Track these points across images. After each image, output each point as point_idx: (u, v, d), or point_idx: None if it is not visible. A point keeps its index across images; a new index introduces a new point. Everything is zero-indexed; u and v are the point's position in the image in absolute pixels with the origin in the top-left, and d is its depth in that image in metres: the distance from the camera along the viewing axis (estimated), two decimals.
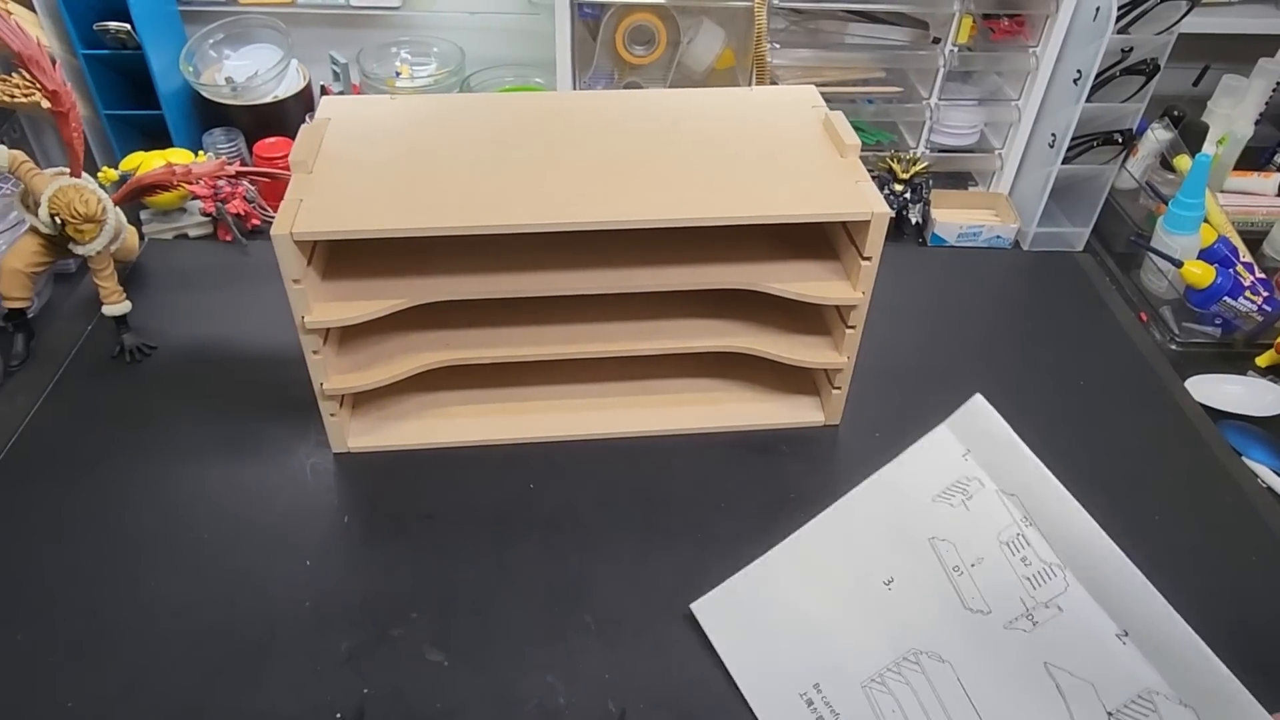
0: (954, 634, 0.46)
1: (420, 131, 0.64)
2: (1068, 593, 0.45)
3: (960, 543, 0.48)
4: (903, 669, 0.46)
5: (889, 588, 0.48)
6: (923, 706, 0.45)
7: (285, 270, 0.54)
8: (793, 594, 0.50)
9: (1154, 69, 0.85)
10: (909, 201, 0.93)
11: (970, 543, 0.48)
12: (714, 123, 0.67)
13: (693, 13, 0.92)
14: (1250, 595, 0.59)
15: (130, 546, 0.59)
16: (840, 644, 0.48)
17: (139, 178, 0.77)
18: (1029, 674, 0.44)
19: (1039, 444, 0.70)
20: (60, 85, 0.66)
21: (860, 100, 0.97)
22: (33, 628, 0.54)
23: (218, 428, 0.68)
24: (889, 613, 0.48)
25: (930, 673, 0.46)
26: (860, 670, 0.47)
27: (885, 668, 0.47)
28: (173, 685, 0.51)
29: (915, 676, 0.46)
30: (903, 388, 0.74)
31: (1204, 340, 0.84)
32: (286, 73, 0.99)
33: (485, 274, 0.61)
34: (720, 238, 0.64)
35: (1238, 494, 0.67)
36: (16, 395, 0.70)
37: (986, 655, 0.45)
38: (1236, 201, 1.00)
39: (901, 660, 0.46)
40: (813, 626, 0.49)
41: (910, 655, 0.47)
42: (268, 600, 0.56)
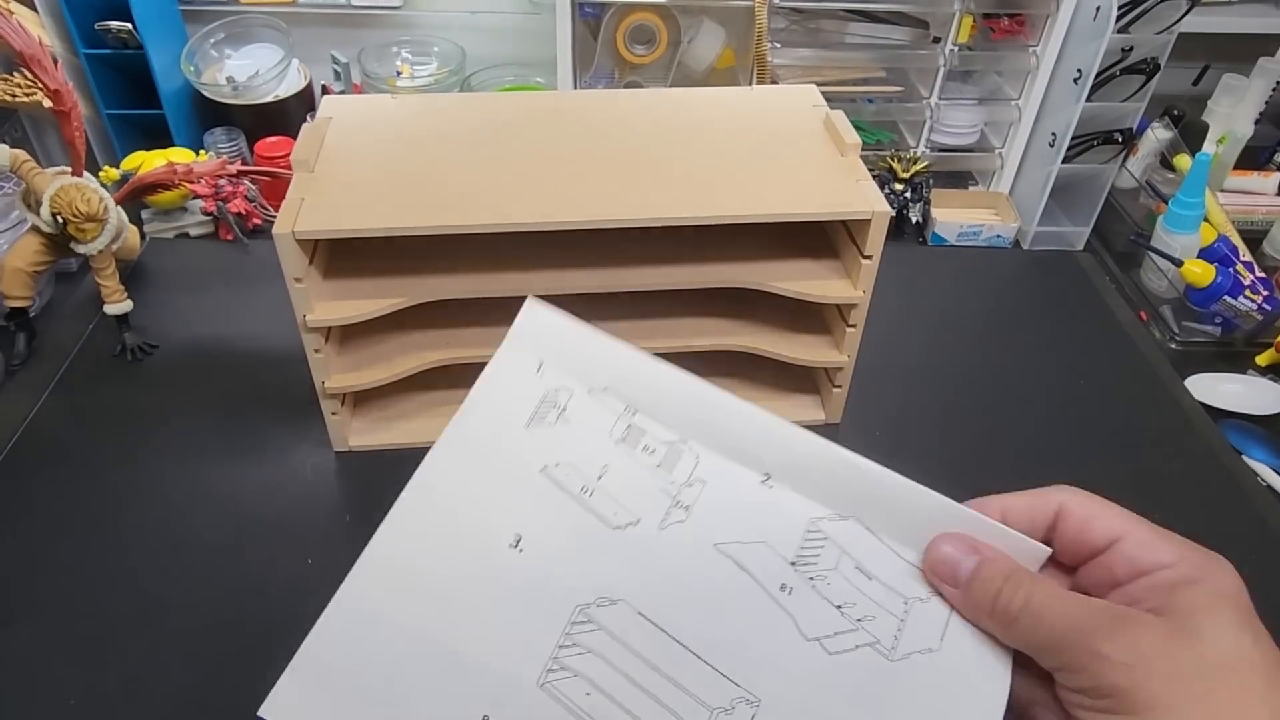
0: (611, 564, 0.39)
1: (421, 131, 0.64)
2: (701, 462, 0.40)
3: (576, 461, 0.41)
4: (575, 638, 0.38)
5: (519, 549, 0.39)
6: (618, 669, 0.37)
7: (287, 269, 0.55)
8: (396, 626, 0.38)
9: (1154, 68, 0.85)
10: (909, 201, 0.93)
11: (586, 456, 0.41)
12: (714, 122, 0.67)
13: (693, 12, 0.92)
14: (1250, 595, 0.59)
15: (131, 545, 0.59)
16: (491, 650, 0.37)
17: (140, 177, 0.77)
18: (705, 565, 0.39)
19: (1039, 444, 0.70)
20: (62, 84, 0.66)
21: (860, 99, 0.97)
22: (33, 627, 0.54)
23: (219, 426, 0.68)
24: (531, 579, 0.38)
25: (607, 623, 0.38)
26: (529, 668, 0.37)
27: (556, 647, 0.37)
28: (174, 684, 0.51)
29: (592, 637, 0.38)
30: (903, 386, 0.74)
31: (1204, 339, 0.84)
32: (287, 72, 0.99)
33: (486, 273, 0.61)
34: (721, 237, 0.64)
35: (1238, 493, 0.67)
36: (18, 394, 0.70)
37: (656, 568, 0.39)
38: (1236, 200, 1.00)
39: (570, 628, 0.38)
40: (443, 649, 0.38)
41: (577, 616, 0.38)
42: (269, 599, 0.56)
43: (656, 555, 0.39)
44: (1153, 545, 0.35)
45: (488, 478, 0.41)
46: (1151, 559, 0.34)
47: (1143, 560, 0.34)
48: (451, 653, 0.37)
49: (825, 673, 0.37)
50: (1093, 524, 0.36)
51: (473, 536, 0.40)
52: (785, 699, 0.37)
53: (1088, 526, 0.36)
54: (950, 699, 0.36)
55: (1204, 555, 0.35)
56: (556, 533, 0.39)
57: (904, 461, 0.71)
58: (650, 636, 0.38)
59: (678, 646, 0.38)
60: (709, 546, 0.40)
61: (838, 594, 0.39)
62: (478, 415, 0.42)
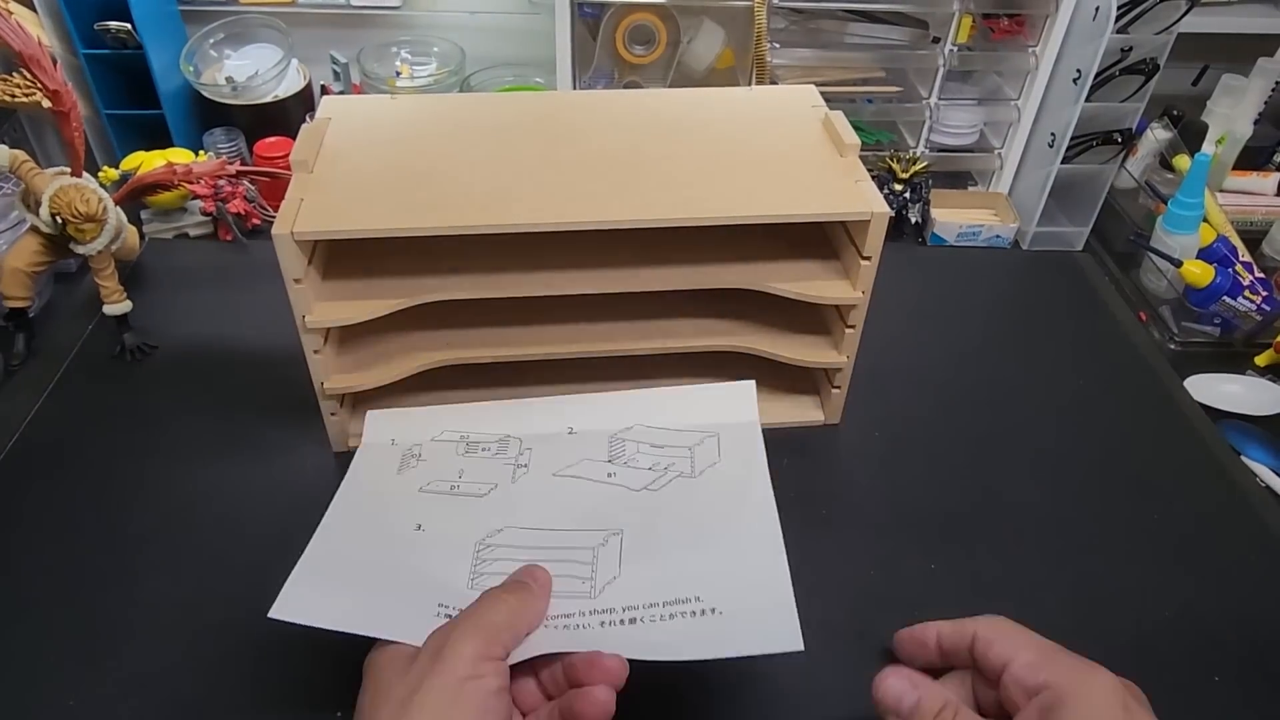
0: (488, 514, 0.54)
1: (421, 131, 0.64)
2: (523, 440, 0.60)
3: (439, 476, 0.58)
4: (483, 556, 0.52)
5: (421, 530, 0.54)
6: (520, 561, 0.49)
7: (286, 270, 0.55)
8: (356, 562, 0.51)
9: (1153, 69, 0.85)
10: (909, 201, 0.93)
11: (445, 471, 0.58)
12: (714, 122, 0.67)
13: (693, 12, 0.92)
14: (1250, 595, 0.59)
15: (131, 546, 0.59)
16: (428, 575, 0.50)
17: (139, 177, 0.77)
18: (553, 487, 0.56)
19: (1038, 444, 0.70)
20: (61, 85, 0.66)
21: (860, 100, 0.97)
22: (33, 627, 0.54)
23: (218, 427, 0.68)
24: (436, 540, 0.53)
25: (501, 542, 0.52)
26: (460, 579, 0.50)
27: (472, 567, 0.51)
28: (173, 684, 0.51)
29: (494, 552, 0.52)
30: (902, 387, 0.74)
31: (1203, 340, 0.84)
32: (287, 72, 0.99)
33: (485, 274, 0.61)
34: (720, 237, 0.64)
35: (1237, 493, 0.67)
36: (17, 395, 0.70)
37: (520, 503, 0.55)
38: (1236, 201, 1.00)
39: (475, 556, 0.51)
40: (397, 568, 0.51)
41: (479, 548, 0.52)
42: (269, 599, 0.56)
43: (517, 496, 0.56)
44: (1035, 667, 0.41)
45: (383, 502, 0.56)
46: (1032, 679, 0.41)
47: (1026, 680, 0.41)
48: (404, 569, 0.50)
49: (657, 500, 0.55)
50: (991, 649, 0.43)
51: (387, 524, 0.54)
52: (637, 523, 0.53)
53: (989, 651, 0.43)
54: (737, 481, 0.55)
55: (1081, 671, 0.40)
56: (444, 515, 0.55)
57: (904, 461, 0.72)
58: (534, 536, 0.53)
59: (555, 531, 0.53)
60: (550, 476, 0.57)
61: (645, 462, 0.58)
62: (360, 477, 0.58)
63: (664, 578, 0.48)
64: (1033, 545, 0.62)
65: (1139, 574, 0.60)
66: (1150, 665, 0.56)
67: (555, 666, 0.43)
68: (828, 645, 0.55)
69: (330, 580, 0.48)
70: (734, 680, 0.52)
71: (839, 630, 0.55)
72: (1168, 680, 0.54)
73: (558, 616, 0.46)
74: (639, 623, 0.46)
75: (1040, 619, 0.57)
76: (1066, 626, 0.57)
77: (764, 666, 0.53)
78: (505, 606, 0.44)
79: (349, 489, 0.56)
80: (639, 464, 0.58)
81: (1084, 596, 0.58)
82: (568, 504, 0.55)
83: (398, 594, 0.47)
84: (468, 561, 0.51)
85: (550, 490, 0.56)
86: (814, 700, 0.52)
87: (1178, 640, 0.56)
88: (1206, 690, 0.53)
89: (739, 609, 0.46)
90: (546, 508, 0.55)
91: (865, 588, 0.58)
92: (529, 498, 0.56)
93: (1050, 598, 0.58)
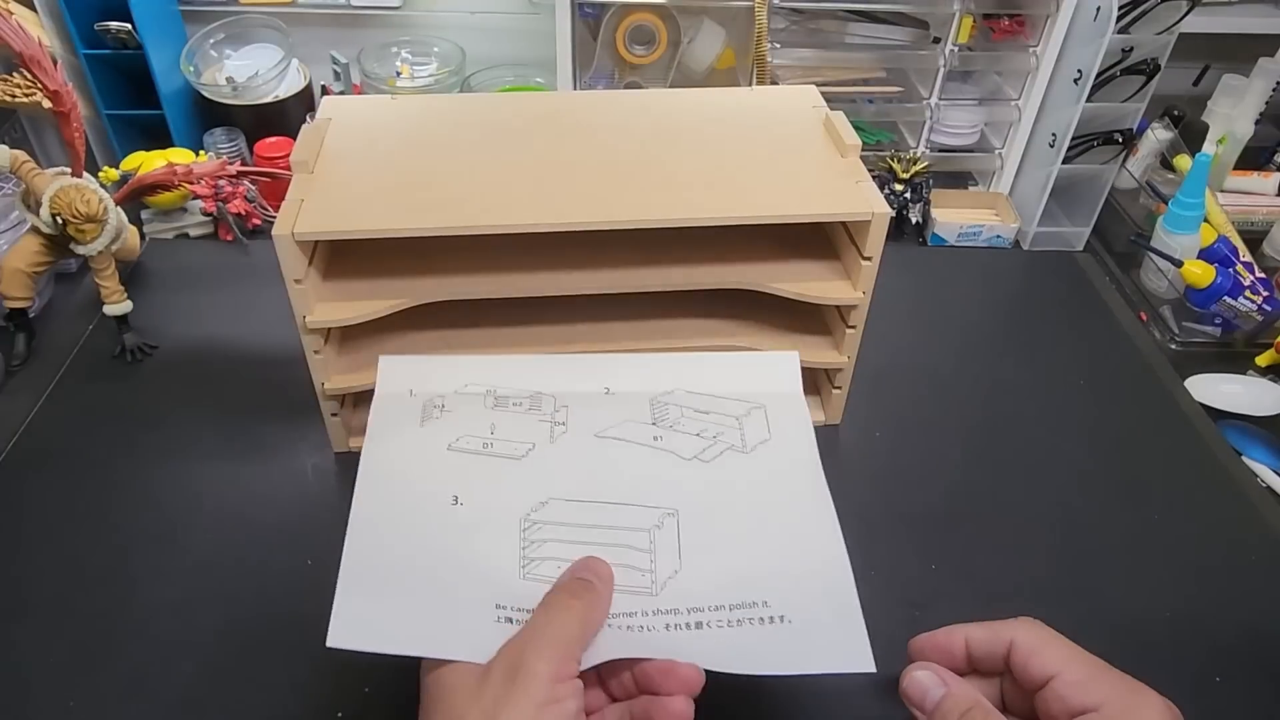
0: (529, 481, 0.51)
1: (421, 131, 0.64)
2: (558, 397, 0.56)
3: (469, 431, 0.53)
4: (530, 537, 0.48)
5: (459, 505, 0.49)
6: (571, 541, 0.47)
7: (286, 270, 0.55)
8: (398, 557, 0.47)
9: (1154, 69, 0.85)
10: (909, 201, 0.93)
11: (475, 425, 0.54)
12: (714, 123, 0.67)
13: (693, 13, 0.92)
14: (1251, 595, 0.59)
15: (131, 546, 0.59)
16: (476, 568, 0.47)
17: (140, 177, 0.77)
18: (595, 449, 0.53)
19: (1039, 444, 0.70)
20: (61, 85, 0.66)
21: (860, 100, 0.97)
22: (33, 627, 0.54)
23: (219, 427, 0.68)
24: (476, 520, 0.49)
25: (548, 518, 0.49)
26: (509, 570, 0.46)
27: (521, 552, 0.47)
28: (173, 684, 0.51)
29: (542, 532, 0.48)
30: (903, 387, 0.74)
31: (1204, 340, 0.84)
32: (287, 72, 0.99)
33: (485, 274, 0.61)
34: (720, 238, 0.64)
35: (1238, 494, 0.67)
36: (17, 395, 0.70)
37: (562, 467, 0.52)
38: (1236, 201, 1.00)
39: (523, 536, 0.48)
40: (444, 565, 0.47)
41: (524, 525, 0.48)
42: (269, 599, 0.56)
43: (558, 459, 0.52)
44: (1083, 686, 0.39)
45: (411, 466, 0.51)
46: (1080, 700, 0.38)
47: (1073, 700, 0.38)
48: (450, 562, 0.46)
49: (710, 476, 0.52)
50: (1033, 660, 0.41)
51: (420, 504, 0.49)
52: (693, 502, 0.50)
53: (1030, 662, 0.41)
54: (789, 461, 0.54)
55: (1132, 695, 0.38)
56: (481, 484, 0.50)
57: (904, 461, 0.71)
58: (582, 509, 0.49)
59: (605, 505, 0.50)
60: (591, 437, 0.54)
61: (692, 428, 0.55)
62: (383, 434, 0.53)
63: (728, 576, 0.47)
64: (1033, 545, 0.62)
65: (1139, 574, 0.60)
66: (1150, 665, 0.55)
67: (624, 673, 0.42)
68: None
69: (378, 590, 0.45)
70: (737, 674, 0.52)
71: None
72: (1168, 680, 0.54)
73: (620, 615, 0.44)
74: (705, 627, 0.44)
75: (1040, 619, 0.57)
76: (1066, 626, 0.57)
77: None
78: (575, 617, 0.41)
79: (372, 455, 0.52)
80: (685, 429, 0.55)
81: (1084, 596, 0.58)
82: (615, 471, 0.52)
83: (451, 599, 0.44)
84: (515, 544, 0.48)
85: (594, 454, 0.53)
86: (814, 700, 0.51)
87: (1178, 640, 0.56)
88: (1206, 690, 0.53)
89: (808, 619, 0.45)
90: (592, 476, 0.52)
91: (865, 587, 0.58)
92: (571, 462, 0.52)
93: (1050, 597, 0.58)
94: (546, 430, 0.54)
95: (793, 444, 0.55)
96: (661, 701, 0.40)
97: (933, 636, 0.45)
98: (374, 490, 0.50)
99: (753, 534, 0.49)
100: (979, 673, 0.44)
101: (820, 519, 0.50)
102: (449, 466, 0.51)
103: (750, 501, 0.51)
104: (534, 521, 0.49)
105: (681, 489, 0.51)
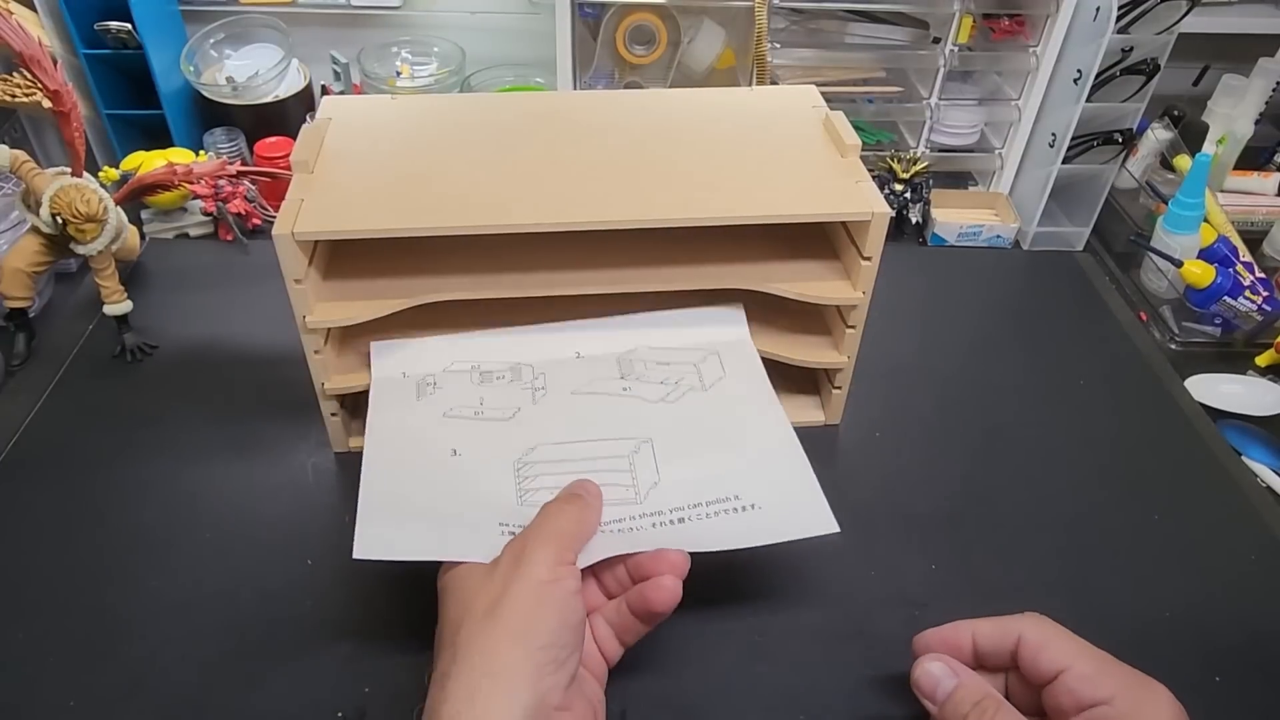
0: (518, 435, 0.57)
1: (421, 131, 0.64)
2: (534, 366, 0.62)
3: (460, 403, 0.59)
4: (524, 473, 0.55)
5: (458, 455, 0.56)
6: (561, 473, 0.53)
7: (286, 270, 0.55)
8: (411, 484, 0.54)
9: (1154, 69, 0.85)
10: (909, 201, 0.93)
11: (466, 399, 0.60)
12: (714, 122, 0.67)
13: (693, 13, 0.92)
14: (1250, 595, 0.59)
15: (131, 546, 0.59)
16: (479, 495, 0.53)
17: (140, 177, 0.77)
18: (572, 404, 0.59)
19: (1038, 444, 0.70)
20: (61, 85, 0.66)
21: (860, 100, 0.97)
22: (33, 627, 0.54)
23: (219, 427, 0.68)
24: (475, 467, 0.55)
25: (538, 458, 0.55)
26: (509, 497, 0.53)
27: (517, 486, 0.54)
28: (173, 684, 0.51)
29: (534, 468, 0.55)
30: (903, 387, 0.74)
31: (1204, 340, 0.84)
32: (287, 72, 0.99)
33: (485, 274, 0.61)
34: (720, 237, 0.64)
35: (1237, 494, 0.67)
36: (18, 395, 0.70)
37: (546, 421, 0.58)
38: (1236, 201, 1.00)
39: (517, 474, 0.55)
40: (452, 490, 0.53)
41: (518, 466, 0.55)
42: (269, 599, 0.56)
43: (542, 415, 0.59)
44: (1093, 680, 0.39)
45: (412, 430, 0.57)
46: (1090, 694, 0.39)
47: (1083, 694, 0.39)
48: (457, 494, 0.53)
49: (676, 413, 0.58)
50: (1042, 654, 0.41)
51: (424, 453, 0.56)
52: (663, 431, 0.57)
53: (1039, 657, 0.41)
54: (747, 393, 0.60)
55: (1142, 689, 0.39)
56: (475, 439, 0.57)
57: (904, 461, 0.72)
58: (567, 449, 0.56)
59: (587, 443, 0.56)
60: (569, 394, 0.60)
61: (656, 377, 0.61)
62: (382, 408, 0.59)
63: (702, 480, 0.53)
64: (1033, 545, 0.62)
65: (1139, 574, 0.60)
66: (1150, 665, 0.56)
67: (619, 568, 0.48)
68: (828, 645, 0.55)
69: (395, 515, 0.51)
70: (736, 676, 0.52)
71: (839, 630, 0.55)
72: (1168, 680, 0.54)
73: (611, 522, 0.50)
74: (687, 522, 0.51)
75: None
76: (1067, 626, 0.57)
77: (764, 664, 0.53)
78: (568, 515, 0.46)
79: (376, 424, 0.57)
80: (651, 379, 0.61)
81: (1084, 596, 0.58)
82: (592, 418, 0.58)
83: (460, 518, 0.51)
84: (511, 480, 0.54)
85: (572, 407, 0.59)
86: (814, 700, 0.51)
87: (1178, 640, 0.56)
88: (1207, 690, 0.53)
89: (775, 502, 0.52)
90: (573, 422, 0.58)
91: (865, 588, 0.58)
92: (553, 416, 0.58)
93: (1050, 598, 0.58)
94: (529, 395, 0.60)
95: (745, 378, 0.61)
96: (653, 581, 0.45)
97: (939, 631, 0.46)
98: (381, 445, 0.55)
99: (719, 445, 0.56)
100: (985, 668, 0.44)
101: (773, 421, 0.58)
102: (446, 429, 0.57)
103: (713, 424, 0.58)
104: (526, 462, 0.55)
105: (652, 424, 0.58)
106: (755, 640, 0.55)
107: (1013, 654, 0.42)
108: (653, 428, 0.57)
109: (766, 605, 0.57)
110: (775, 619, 0.56)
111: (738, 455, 0.56)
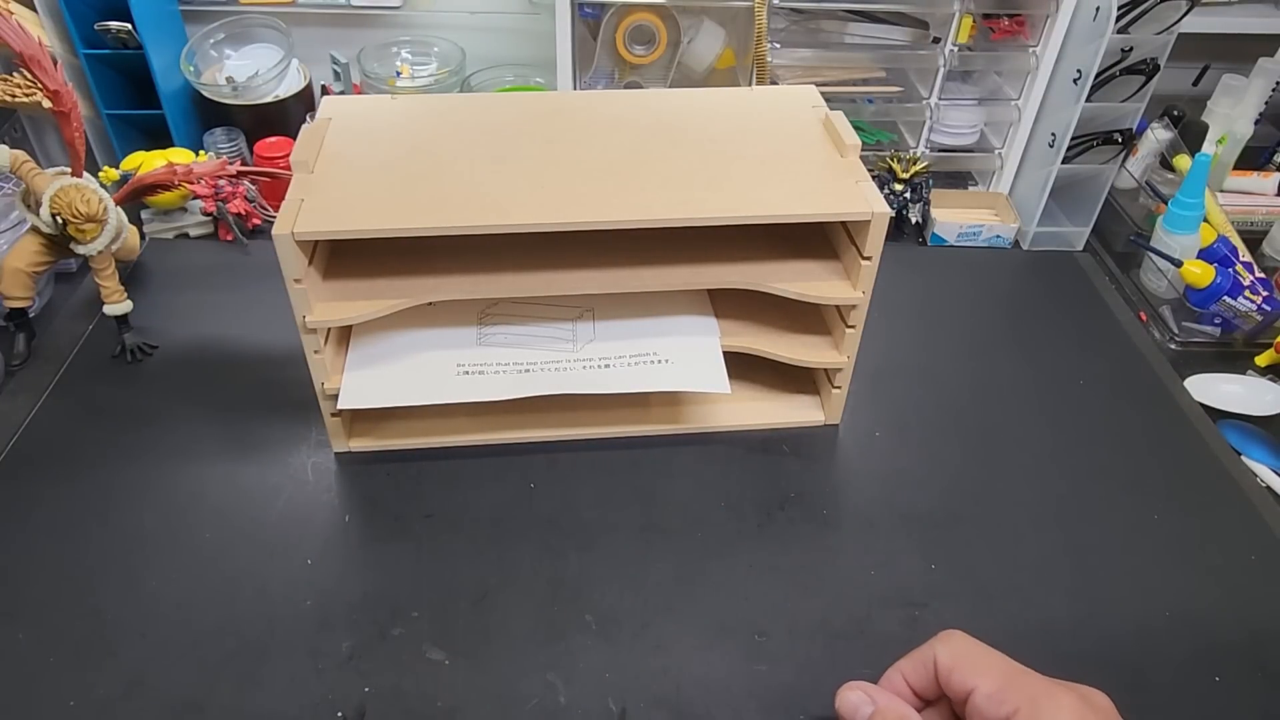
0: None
1: (421, 131, 0.64)
2: None
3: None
4: (481, 337, 0.65)
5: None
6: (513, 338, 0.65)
7: (286, 270, 0.55)
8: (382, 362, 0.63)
9: (1154, 69, 0.85)
10: (909, 201, 0.93)
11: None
12: (714, 123, 0.67)
13: (693, 13, 0.92)
14: (1250, 595, 0.59)
15: (131, 546, 0.59)
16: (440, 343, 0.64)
17: (140, 177, 0.77)
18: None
19: (1038, 444, 0.70)
20: (62, 85, 0.66)
21: (860, 100, 0.97)
22: (33, 627, 0.54)
23: (219, 427, 0.68)
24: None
25: (494, 331, 0.65)
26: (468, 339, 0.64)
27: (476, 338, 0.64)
28: (173, 684, 0.51)
29: (491, 337, 0.64)
30: (902, 387, 0.74)
31: (1203, 340, 0.84)
32: (287, 72, 0.99)
33: (485, 274, 0.61)
34: (720, 237, 0.64)
35: (1237, 494, 0.67)
36: (18, 395, 0.70)
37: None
38: (1236, 201, 1.00)
39: (477, 333, 0.65)
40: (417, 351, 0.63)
41: (479, 332, 0.65)
42: (269, 599, 0.56)
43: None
44: (997, 697, 0.39)
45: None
46: (995, 712, 0.39)
47: (989, 712, 0.39)
48: (423, 342, 0.63)
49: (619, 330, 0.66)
50: (954, 676, 0.41)
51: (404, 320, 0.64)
52: (607, 311, 0.66)
53: (951, 680, 0.41)
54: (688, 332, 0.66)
55: (1046, 698, 0.39)
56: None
57: (904, 461, 0.72)
58: (525, 306, 0.66)
59: (543, 305, 0.66)
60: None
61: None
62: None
63: (631, 343, 0.64)
64: (1032, 545, 0.62)
65: (1139, 574, 0.60)
66: (1150, 665, 0.56)
67: None
68: (827, 645, 0.55)
69: (371, 367, 0.61)
70: (736, 676, 0.52)
71: (839, 630, 0.55)
72: (1168, 680, 0.54)
73: (549, 362, 0.62)
74: (611, 367, 0.62)
75: (1040, 619, 0.57)
76: (1066, 627, 0.57)
77: (764, 664, 0.53)
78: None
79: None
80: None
81: (1084, 596, 0.58)
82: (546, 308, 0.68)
83: (422, 364, 0.62)
84: (473, 325, 0.65)
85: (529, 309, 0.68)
86: (814, 700, 0.52)
87: (1178, 640, 0.56)
88: (1206, 690, 0.53)
89: (686, 361, 0.63)
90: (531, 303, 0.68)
91: (865, 588, 0.58)
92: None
93: (1050, 598, 0.58)
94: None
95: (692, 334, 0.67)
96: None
97: (866, 686, 0.45)
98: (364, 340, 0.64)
99: (653, 330, 0.65)
100: (932, 705, 0.44)
101: (706, 327, 0.66)
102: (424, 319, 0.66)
103: (650, 324, 0.66)
104: (488, 312, 0.66)
105: (598, 309, 0.67)
106: (755, 640, 0.55)
107: (935, 679, 0.42)
108: (598, 308, 0.67)
109: (767, 605, 0.57)
110: (775, 619, 0.56)
111: (665, 332, 0.65)
